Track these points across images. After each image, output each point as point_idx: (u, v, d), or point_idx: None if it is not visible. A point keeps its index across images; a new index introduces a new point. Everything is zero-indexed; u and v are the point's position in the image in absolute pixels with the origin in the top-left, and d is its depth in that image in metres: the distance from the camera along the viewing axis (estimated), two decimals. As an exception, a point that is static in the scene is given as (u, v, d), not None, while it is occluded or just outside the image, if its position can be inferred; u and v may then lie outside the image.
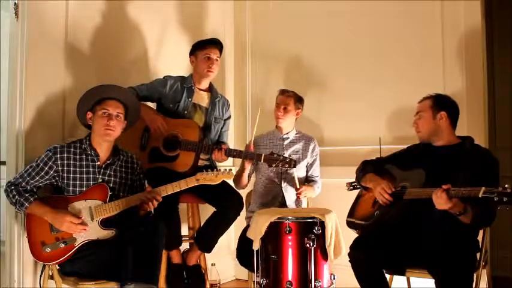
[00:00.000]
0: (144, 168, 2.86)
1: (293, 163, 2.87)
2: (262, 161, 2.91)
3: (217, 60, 3.17)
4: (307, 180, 3.34)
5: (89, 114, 2.62)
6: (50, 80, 2.92)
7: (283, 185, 3.23)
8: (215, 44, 3.19)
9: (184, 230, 3.20)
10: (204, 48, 3.15)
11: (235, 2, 4.27)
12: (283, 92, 3.31)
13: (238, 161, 3.40)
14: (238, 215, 3.07)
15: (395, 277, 2.75)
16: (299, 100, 3.31)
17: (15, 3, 2.79)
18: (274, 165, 2.88)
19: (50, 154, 2.54)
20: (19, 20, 2.78)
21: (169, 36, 3.70)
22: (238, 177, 3.25)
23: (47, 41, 2.91)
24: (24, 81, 2.78)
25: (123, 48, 3.36)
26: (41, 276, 2.58)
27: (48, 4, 2.91)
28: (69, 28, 3.02)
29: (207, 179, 2.71)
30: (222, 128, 3.31)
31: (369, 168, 2.75)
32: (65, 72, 3.00)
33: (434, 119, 2.57)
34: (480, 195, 2.12)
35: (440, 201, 2.23)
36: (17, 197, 2.48)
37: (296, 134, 3.36)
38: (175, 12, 3.75)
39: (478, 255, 2.51)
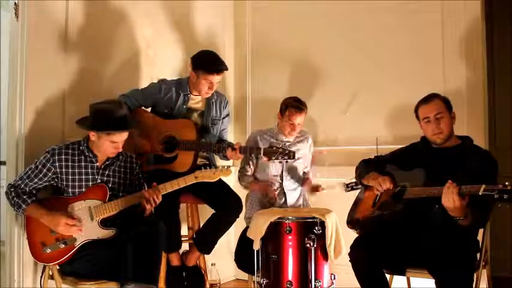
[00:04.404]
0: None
1: (292, 154, 2.85)
2: (262, 155, 2.89)
3: (218, 82, 3.08)
4: (305, 173, 3.35)
5: (93, 135, 2.55)
6: (50, 80, 2.92)
7: (285, 184, 3.23)
8: (220, 71, 3.05)
9: (184, 230, 3.20)
10: (209, 73, 2.99)
11: (235, 2, 4.27)
12: (298, 109, 3.16)
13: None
14: (238, 217, 3.05)
15: (396, 277, 2.75)
16: (307, 111, 3.27)
17: (15, 3, 2.78)
18: (274, 158, 2.86)
19: (48, 156, 2.54)
20: (19, 20, 2.78)
21: (168, 37, 3.70)
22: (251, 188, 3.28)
23: (47, 41, 2.91)
24: (24, 81, 2.78)
25: (123, 48, 3.36)
26: (41, 276, 2.58)
27: (48, 4, 2.91)
28: (69, 28, 3.02)
29: (206, 176, 2.69)
30: (220, 127, 3.27)
31: (371, 166, 2.74)
32: (64, 73, 2.99)
33: (451, 120, 2.55)
34: (480, 193, 2.12)
35: (451, 196, 2.18)
36: (15, 198, 2.49)
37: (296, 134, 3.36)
38: (175, 13, 3.74)
39: (478, 255, 2.51)
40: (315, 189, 3.26)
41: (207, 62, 3.04)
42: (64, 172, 2.55)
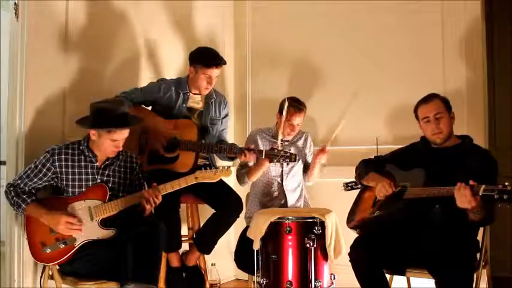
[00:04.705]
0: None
1: (293, 157, 2.86)
2: (263, 157, 2.90)
3: (217, 77, 3.09)
4: (306, 169, 3.35)
5: (93, 134, 2.54)
6: (50, 80, 2.91)
7: (285, 184, 3.23)
8: (218, 65, 3.05)
9: (184, 230, 3.20)
10: (207, 67, 3.01)
11: (235, 2, 4.27)
12: (297, 109, 3.16)
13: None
14: (238, 216, 3.06)
15: (396, 277, 2.75)
16: (306, 111, 3.27)
17: (15, 3, 2.78)
18: (275, 160, 2.88)
19: (48, 156, 2.53)
20: (19, 20, 2.78)
21: (169, 37, 3.70)
22: (252, 173, 3.18)
23: (47, 41, 2.91)
24: (24, 81, 2.77)
25: (123, 48, 3.36)
26: (41, 276, 2.58)
27: (48, 4, 2.91)
28: (69, 28, 3.02)
29: (206, 176, 2.69)
30: (219, 127, 3.26)
31: (371, 167, 2.74)
32: (64, 72, 2.99)
33: (450, 119, 2.55)
34: (480, 193, 2.12)
35: (464, 198, 2.15)
36: (15, 198, 2.49)
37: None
38: (175, 13, 3.74)
39: (478, 255, 2.51)
40: (322, 150, 3.19)
41: (205, 57, 3.06)
42: (64, 172, 2.55)
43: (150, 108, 3.16)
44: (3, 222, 2.83)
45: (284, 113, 3.07)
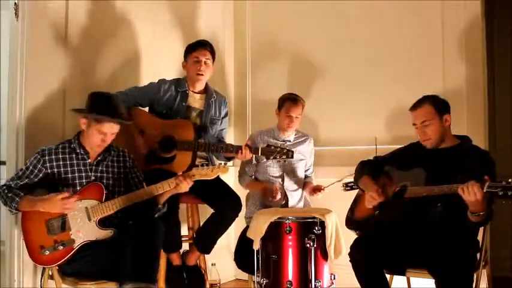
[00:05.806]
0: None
1: (291, 153, 2.86)
2: (260, 154, 2.90)
3: (206, 62, 3.12)
4: (305, 177, 3.35)
5: (83, 122, 2.55)
6: (50, 80, 2.92)
7: (286, 185, 3.23)
8: (203, 45, 3.14)
9: (184, 230, 3.20)
10: (193, 51, 3.12)
11: (235, 2, 4.27)
12: (294, 101, 3.21)
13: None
14: (237, 216, 3.06)
15: (396, 277, 2.75)
16: (304, 104, 3.29)
17: (15, 3, 2.79)
18: (272, 157, 2.87)
19: (39, 157, 2.53)
20: (19, 20, 2.78)
21: (169, 37, 3.70)
22: (251, 188, 3.28)
23: (47, 41, 2.91)
24: (24, 81, 2.78)
25: (122, 48, 3.36)
26: (41, 277, 2.57)
27: (48, 4, 2.91)
28: (69, 28, 3.02)
29: (203, 174, 2.68)
30: (218, 127, 3.27)
31: (366, 170, 2.74)
32: (64, 72, 2.99)
33: (441, 124, 2.53)
34: (484, 190, 2.11)
35: (471, 189, 2.13)
36: (8, 194, 2.46)
37: (295, 134, 3.36)
38: (175, 12, 3.75)
39: (478, 255, 2.51)
40: (317, 189, 3.25)
41: (191, 44, 3.19)
42: (56, 172, 2.54)
43: (147, 109, 3.16)
44: (3, 222, 2.83)
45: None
